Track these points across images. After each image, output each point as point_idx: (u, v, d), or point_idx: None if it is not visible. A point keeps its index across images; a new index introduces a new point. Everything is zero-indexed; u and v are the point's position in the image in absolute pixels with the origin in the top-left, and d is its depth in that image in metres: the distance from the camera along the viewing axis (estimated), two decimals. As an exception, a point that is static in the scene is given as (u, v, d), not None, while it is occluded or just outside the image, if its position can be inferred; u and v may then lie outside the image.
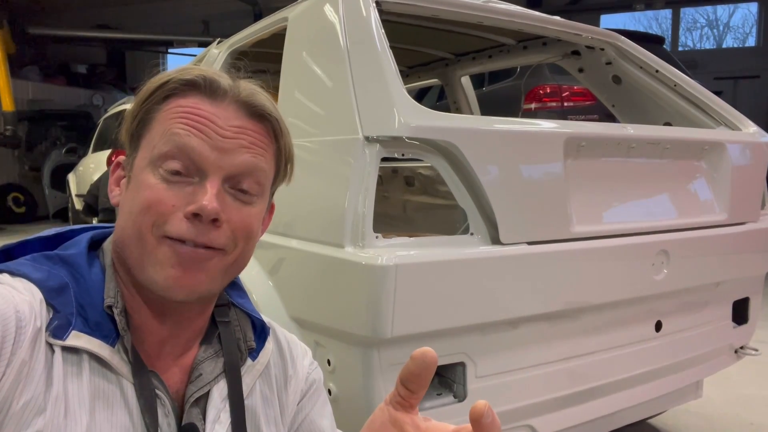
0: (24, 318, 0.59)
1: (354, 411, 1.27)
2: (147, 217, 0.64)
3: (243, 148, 0.67)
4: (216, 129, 0.65)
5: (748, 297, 1.95)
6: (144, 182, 0.65)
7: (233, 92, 0.68)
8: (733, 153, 1.80)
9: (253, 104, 0.68)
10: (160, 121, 0.67)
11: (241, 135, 0.67)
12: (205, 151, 0.64)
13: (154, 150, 0.65)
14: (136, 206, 0.64)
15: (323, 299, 1.32)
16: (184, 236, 0.63)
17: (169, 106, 0.67)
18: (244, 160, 0.66)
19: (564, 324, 1.46)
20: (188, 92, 0.67)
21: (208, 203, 0.63)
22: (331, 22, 1.48)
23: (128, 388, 0.64)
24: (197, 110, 0.66)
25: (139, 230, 0.64)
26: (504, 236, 1.32)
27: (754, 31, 10.98)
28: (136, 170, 0.67)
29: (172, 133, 0.65)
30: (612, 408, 1.63)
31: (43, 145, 10.34)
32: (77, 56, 13.00)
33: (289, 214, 1.42)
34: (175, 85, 0.67)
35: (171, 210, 0.63)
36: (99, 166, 6.07)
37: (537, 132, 1.44)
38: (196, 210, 0.63)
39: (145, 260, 0.64)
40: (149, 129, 0.67)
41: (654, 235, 1.58)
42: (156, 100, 0.67)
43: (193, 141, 0.64)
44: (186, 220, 0.63)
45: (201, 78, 0.67)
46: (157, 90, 0.67)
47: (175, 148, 0.64)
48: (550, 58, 2.36)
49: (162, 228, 0.63)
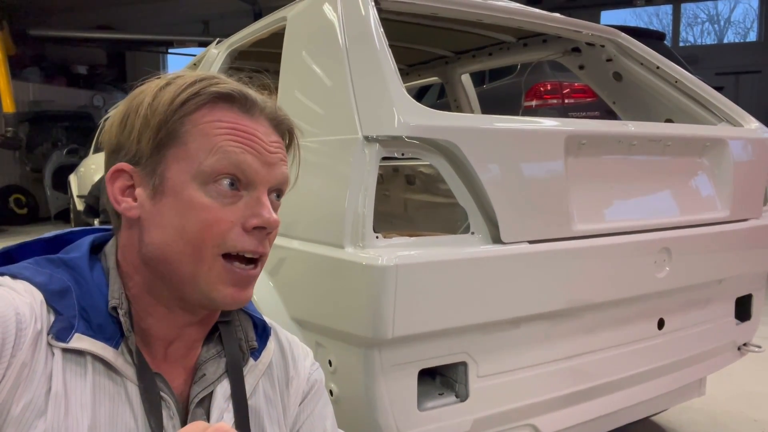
0: (24, 320, 0.59)
1: (355, 411, 1.26)
2: (206, 236, 0.65)
3: (281, 161, 0.70)
4: (263, 144, 0.68)
5: (750, 294, 1.94)
6: (195, 200, 0.65)
7: (261, 106, 0.70)
8: (735, 149, 1.79)
9: (280, 119, 0.72)
10: (200, 134, 0.66)
11: (279, 149, 0.70)
12: (258, 167, 0.67)
13: (202, 165, 0.65)
14: (190, 225, 0.64)
15: (324, 300, 1.31)
16: (246, 249, 0.66)
17: (206, 119, 0.66)
18: (282, 173, 0.70)
19: (566, 323, 1.46)
20: (220, 104, 0.67)
21: (269, 215, 0.66)
22: (329, 21, 1.47)
23: (132, 390, 0.65)
24: (242, 126, 0.67)
25: (196, 249, 0.65)
26: (505, 235, 1.31)
27: (755, 26, 10.94)
28: (176, 185, 0.65)
29: (225, 150, 0.65)
30: (615, 406, 1.62)
31: (44, 147, 10.34)
32: (77, 57, 12.99)
33: (289, 215, 1.42)
34: (208, 97, 0.67)
35: (230, 227, 0.65)
36: (100, 167, 6.06)
37: (537, 130, 1.43)
38: (261, 223, 0.66)
39: (201, 279, 0.65)
40: (183, 141, 0.65)
41: (656, 233, 1.57)
42: (187, 111, 0.66)
43: (249, 158, 0.66)
44: (245, 233, 0.66)
45: (236, 91, 0.68)
46: (188, 101, 0.66)
47: (231, 164, 0.65)
48: (550, 55, 2.35)
49: (222, 246, 0.65)
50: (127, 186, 0.68)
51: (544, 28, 1.96)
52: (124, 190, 0.68)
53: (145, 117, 0.66)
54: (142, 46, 12.25)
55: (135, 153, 0.67)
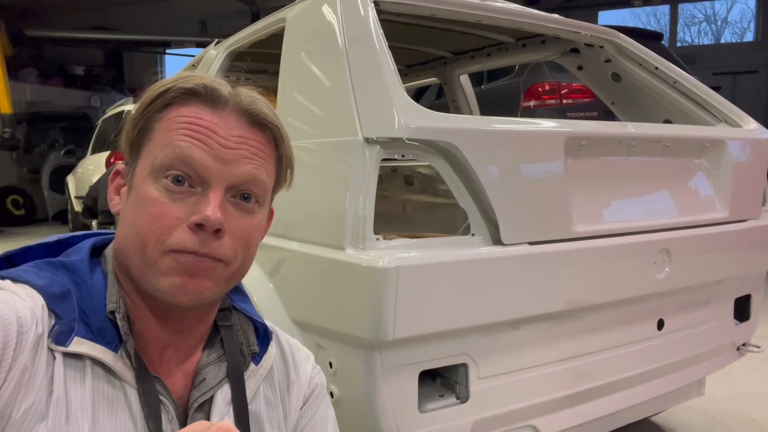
0: (25, 324, 0.59)
1: (356, 413, 1.26)
2: (151, 230, 0.63)
3: (245, 158, 0.66)
4: (218, 139, 0.65)
5: (749, 294, 1.95)
6: (146, 194, 0.64)
7: (234, 100, 0.67)
8: (733, 150, 1.80)
9: (254, 113, 0.68)
10: (161, 130, 0.66)
11: (242, 145, 0.66)
12: (208, 162, 0.64)
13: (156, 160, 0.65)
14: (140, 219, 0.64)
15: (324, 302, 1.31)
16: (187, 247, 0.63)
17: (170, 115, 0.66)
18: (245, 171, 0.66)
19: (566, 324, 1.46)
20: (189, 101, 0.66)
21: (211, 214, 0.62)
22: (329, 22, 1.47)
23: (132, 394, 0.65)
24: (199, 120, 0.65)
25: (143, 243, 0.63)
26: (505, 236, 1.31)
27: (752, 26, 10.97)
28: (137, 180, 0.66)
29: (175, 144, 0.64)
30: (614, 407, 1.63)
31: (41, 147, 10.34)
32: (75, 58, 12.97)
33: (290, 217, 1.42)
34: (176, 93, 0.66)
35: (175, 223, 0.63)
36: (98, 167, 6.06)
37: (537, 131, 1.43)
38: (200, 220, 0.62)
39: (149, 271, 0.64)
40: (150, 138, 0.66)
41: (655, 234, 1.57)
42: (156, 108, 0.67)
43: (196, 152, 0.64)
44: (189, 230, 0.63)
45: (201, 86, 0.66)
46: (157, 98, 0.67)
47: (178, 159, 0.64)
48: (548, 56, 2.35)
49: (166, 242, 0.63)
50: (120, 185, 0.70)
51: (543, 28, 1.96)
52: (117, 189, 0.71)
53: (129, 118, 0.68)
54: (140, 47, 12.25)
55: (125, 153, 0.69)
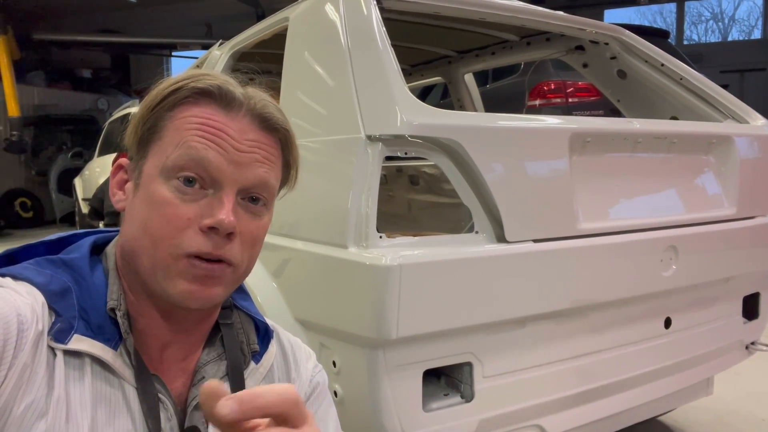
0: (26, 321, 0.59)
1: (360, 412, 1.26)
2: (164, 232, 0.63)
3: (257, 162, 0.66)
4: (231, 142, 0.65)
5: (758, 292, 1.93)
6: (157, 194, 0.64)
7: (247, 103, 0.67)
8: (741, 146, 1.78)
9: (267, 117, 0.68)
10: (173, 129, 0.65)
11: (255, 149, 0.66)
12: (222, 165, 0.64)
13: (168, 160, 0.64)
14: (151, 219, 0.64)
15: (327, 300, 1.31)
16: (200, 251, 0.63)
17: (183, 114, 0.66)
18: (257, 175, 0.66)
19: (571, 322, 1.44)
20: (201, 100, 0.66)
21: (225, 217, 0.62)
22: (332, 21, 1.47)
23: (131, 392, 0.64)
24: (212, 122, 0.65)
25: (155, 244, 0.63)
26: (509, 234, 1.30)
27: (759, 24, 10.90)
28: (146, 178, 0.66)
29: (189, 145, 0.64)
30: (621, 406, 1.61)
31: (49, 150, 10.40)
32: (82, 61, 13.06)
33: (292, 215, 1.41)
34: (188, 92, 0.66)
35: (187, 224, 0.63)
36: (105, 169, 6.10)
37: (542, 128, 1.42)
38: (214, 224, 0.62)
39: (159, 273, 0.64)
40: (160, 136, 0.66)
41: (662, 231, 1.56)
42: (167, 106, 0.66)
43: (210, 154, 0.64)
44: (201, 233, 0.63)
45: (215, 87, 0.66)
46: (168, 96, 0.66)
47: (192, 161, 0.63)
48: (553, 54, 2.34)
49: (178, 244, 0.63)
50: (123, 180, 0.70)
51: (548, 26, 1.95)
52: (120, 184, 0.70)
53: (137, 113, 0.68)
54: (146, 50, 12.31)
55: (130, 148, 0.69)
